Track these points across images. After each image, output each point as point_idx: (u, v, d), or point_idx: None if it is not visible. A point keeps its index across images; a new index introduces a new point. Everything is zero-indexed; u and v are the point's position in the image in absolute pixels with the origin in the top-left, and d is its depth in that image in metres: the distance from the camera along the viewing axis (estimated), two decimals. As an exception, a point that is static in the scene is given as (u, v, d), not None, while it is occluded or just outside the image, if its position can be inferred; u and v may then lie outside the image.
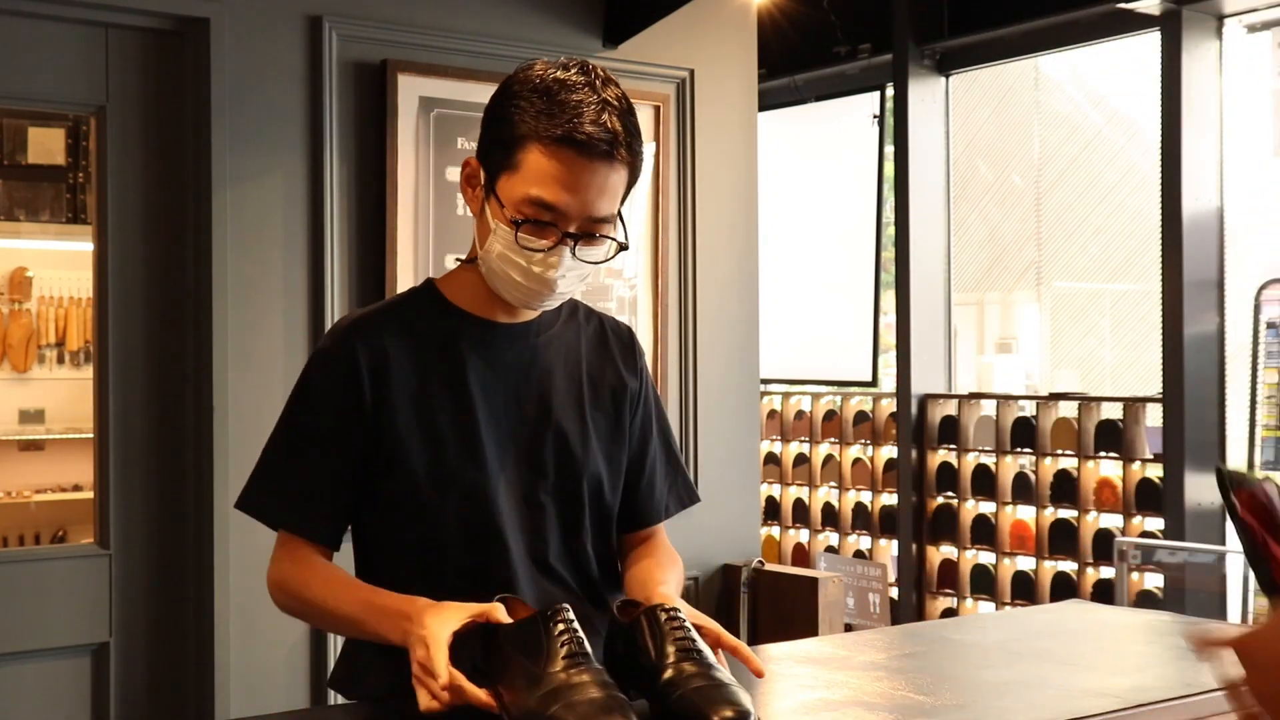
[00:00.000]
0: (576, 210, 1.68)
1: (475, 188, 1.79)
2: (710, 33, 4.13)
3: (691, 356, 4.05)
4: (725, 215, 4.14)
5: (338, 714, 1.76)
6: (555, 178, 1.67)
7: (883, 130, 6.16)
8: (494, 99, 1.77)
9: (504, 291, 1.77)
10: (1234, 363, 4.89)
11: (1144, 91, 5.21)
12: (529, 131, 1.68)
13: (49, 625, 3.21)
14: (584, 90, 1.69)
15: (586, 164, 1.67)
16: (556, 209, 1.68)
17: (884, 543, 6.02)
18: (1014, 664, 1.88)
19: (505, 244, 1.72)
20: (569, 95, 1.68)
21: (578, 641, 1.47)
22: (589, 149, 1.66)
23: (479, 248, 1.78)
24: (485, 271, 1.77)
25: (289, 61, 3.44)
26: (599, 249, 1.74)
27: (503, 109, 1.73)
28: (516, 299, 1.77)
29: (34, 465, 5.26)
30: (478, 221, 1.79)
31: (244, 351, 3.35)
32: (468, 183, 1.80)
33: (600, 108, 1.68)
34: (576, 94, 1.68)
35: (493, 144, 1.74)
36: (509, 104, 1.72)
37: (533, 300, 1.76)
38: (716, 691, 1.47)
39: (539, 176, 1.68)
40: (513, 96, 1.72)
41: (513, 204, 1.70)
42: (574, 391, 1.87)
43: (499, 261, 1.74)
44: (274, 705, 3.28)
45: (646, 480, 1.94)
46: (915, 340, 5.75)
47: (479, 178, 1.77)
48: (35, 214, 5.07)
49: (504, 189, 1.72)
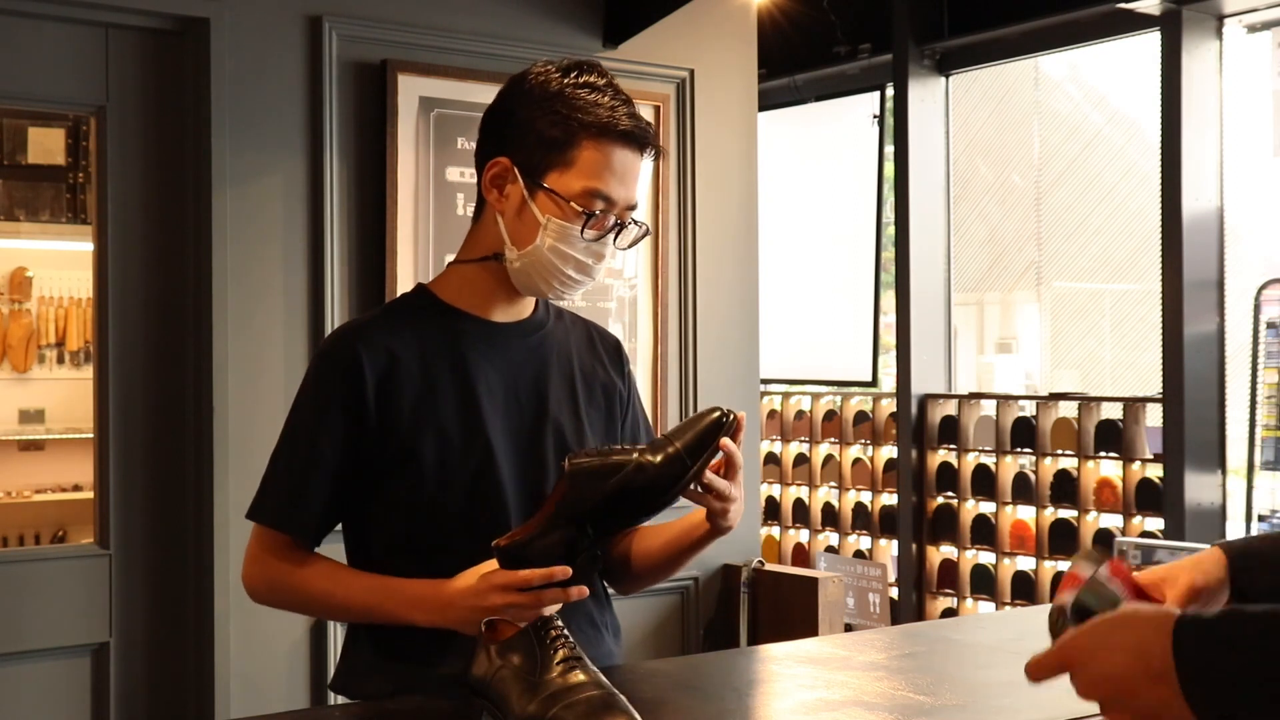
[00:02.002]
0: (624, 198, 1.80)
1: (503, 187, 1.80)
2: (710, 33, 4.13)
3: (691, 356, 4.05)
4: (725, 215, 4.14)
5: (338, 714, 1.76)
6: (610, 170, 1.77)
7: (883, 130, 6.15)
8: (518, 101, 1.80)
9: (543, 284, 1.81)
10: (1234, 363, 4.89)
11: (1144, 91, 5.21)
12: (578, 127, 1.75)
13: (49, 625, 3.21)
14: (609, 90, 1.79)
15: (632, 155, 1.78)
16: (611, 198, 1.77)
17: (884, 543, 6.01)
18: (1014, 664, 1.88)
19: (559, 236, 1.76)
20: (601, 95, 1.78)
21: (571, 646, 1.48)
22: (635, 140, 1.78)
23: (511, 245, 1.80)
24: (520, 266, 1.80)
25: (289, 61, 3.44)
26: (629, 236, 1.84)
27: (537, 109, 1.77)
28: (554, 291, 1.82)
29: (34, 465, 5.27)
30: (508, 220, 1.80)
31: (244, 351, 3.35)
32: (493, 183, 1.81)
33: (627, 104, 1.79)
34: (606, 94, 1.78)
35: (534, 144, 1.77)
36: (545, 104, 1.77)
37: (571, 290, 1.83)
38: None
39: (595, 170, 1.76)
40: (548, 99, 1.77)
41: (571, 198, 1.76)
42: (568, 388, 1.90)
43: (550, 255, 1.77)
44: (274, 705, 3.28)
45: None
46: (915, 340, 5.74)
47: (510, 176, 1.79)
48: (35, 214, 5.07)
49: (558, 184, 1.76)
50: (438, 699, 1.67)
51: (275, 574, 1.80)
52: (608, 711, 1.39)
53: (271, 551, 1.80)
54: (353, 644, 1.86)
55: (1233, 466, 4.84)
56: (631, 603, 3.74)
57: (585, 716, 1.39)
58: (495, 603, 1.60)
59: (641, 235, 1.86)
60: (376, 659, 1.81)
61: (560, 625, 1.51)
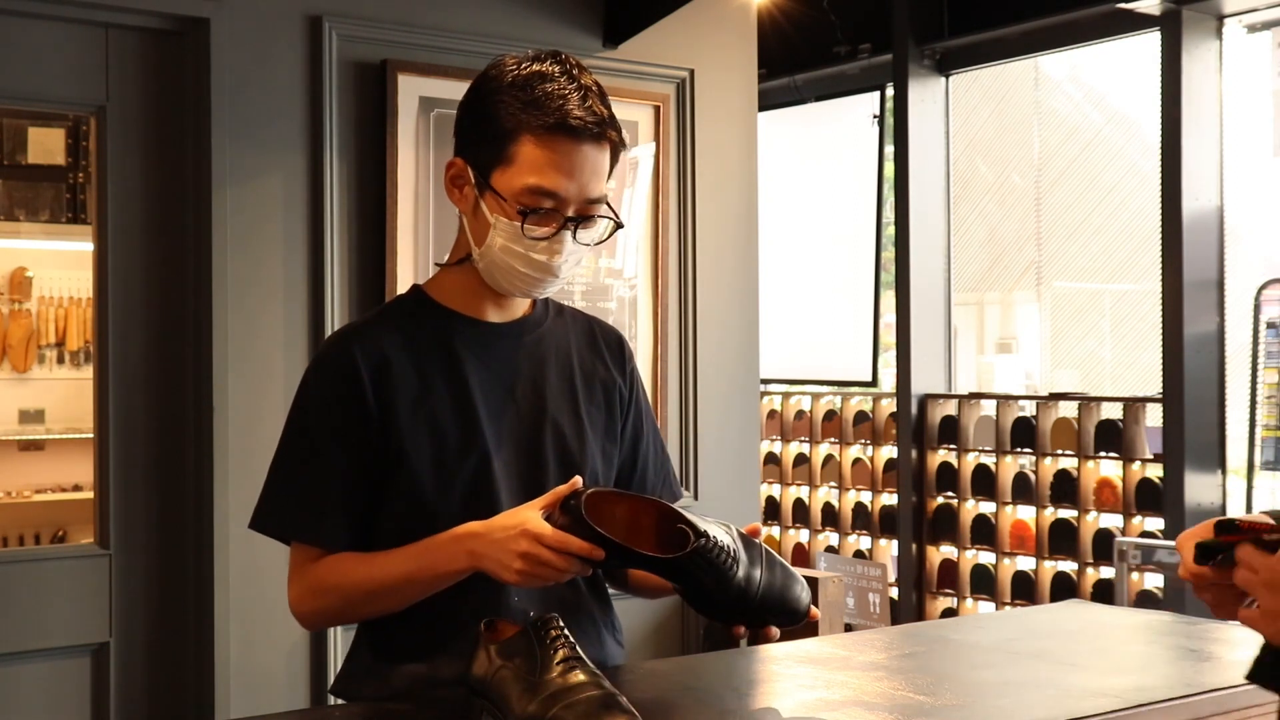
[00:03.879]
0: (575, 194, 1.74)
1: (462, 187, 1.81)
2: (710, 33, 4.13)
3: (691, 356, 4.05)
4: (725, 215, 4.14)
5: (338, 714, 1.76)
6: (552, 164, 1.72)
7: (883, 130, 6.16)
8: (471, 97, 1.80)
9: (506, 283, 1.79)
10: (1234, 363, 4.89)
11: (1144, 91, 5.21)
12: (518, 124, 1.72)
13: (49, 625, 3.21)
14: (562, 79, 1.75)
15: (579, 147, 1.73)
16: (556, 195, 1.73)
17: (884, 543, 6.02)
18: (1014, 664, 1.88)
19: (508, 236, 1.75)
20: (550, 85, 1.73)
21: (570, 646, 1.48)
22: (580, 133, 1.72)
23: (474, 245, 1.80)
24: (484, 267, 1.79)
25: (289, 61, 3.44)
26: (595, 230, 1.79)
27: (485, 106, 1.76)
28: (519, 289, 1.80)
29: (34, 465, 5.26)
30: (469, 220, 1.81)
31: (244, 351, 3.35)
32: (453, 184, 1.82)
33: (582, 93, 1.74)
34: (556, 83, 1.74)
35: (480, 141, 1.76)
36: (491, 100, 1.76)
37: (534, 288, 1.80)
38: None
39: (535, 165, 1.72)
40: (494, 92, 1.75)
41: (512, 196, 1.74)
42: (567, 387, 1.89)
43: (501, 254, 1.76)
44: (274, 705, 3.28)
45: (638, 481, 1.97)
46: (915, 340, 5.75)
47: (466, 176, 1.79)
48: (35, 214, 5.07)
49: (500, 183, 1.74)
50: (437, 699, 1.67)
51: (312, 581, 1.77)
52: (608, 711, 1.39)
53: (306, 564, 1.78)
54: (353, 649, 1.86)
55: (1233, 466, 4.84)
56: (631, 603, 3.73)
57: (585, 716, 1.39)
58: (525, 549, 1.59)
59: (611, 230, 1.80)
60: (375, 663, 1.81)
61: (560, 625, 1.50)
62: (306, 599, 1.78)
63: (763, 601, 1.67)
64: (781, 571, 1.70)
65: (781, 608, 1.69)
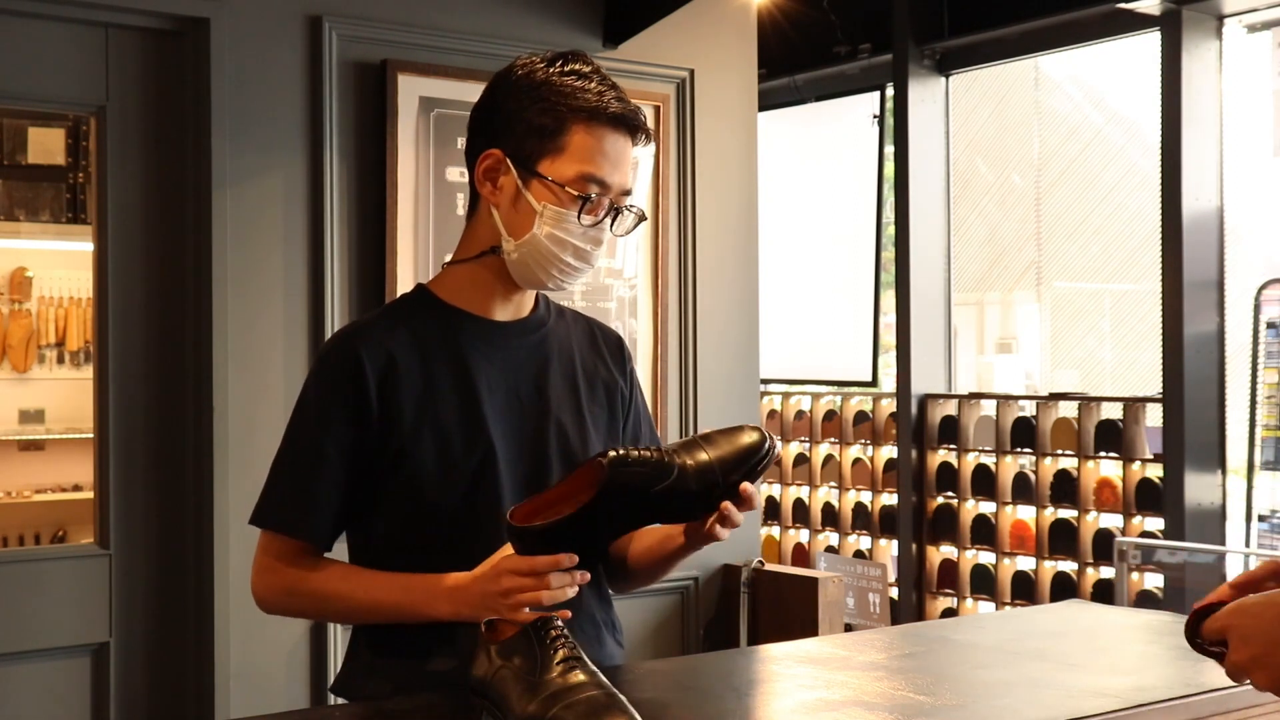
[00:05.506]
0: (619, 184, 1.79)
1: (497, 179, 1.80)
2: (710, 33, 4.13)
3: (691, 356, 4.05)
4: (725, 215, 4.14)
5: (338, 714, 1.76)
6: (603, 153, 1.76)
7: (883, 130, 6.15)
8: (505, 91, 1.81)
9: (540, 274, 1.80)
10: (1234, 363, 4.89)
11: (1144, 91, 5.21)
12: (569, 114, 1.76)
13: (49, 625, 3.21)
14: (596, 76, 1.80)
15: (624, 139, 1.79)
16: (606, 183, 1.77)
17: (884, 543, 6.02)
18: (1014, 664, 1.88)
19: (558, 223, 1.76)
20: (588, 81, 1.78)
21: (571, 646, 1.48)
22: (625, 124, 1.78)
23: (507, 237, 1.79)
24: (518, 258, 1.79)
25: (289, 61, 3.44)
26: (626, 222, 1.83)
27: (526, 97, 1.77)
28: (553, 281, 1.81)
29: (34, 465, 5.26)
30: (505, 212, 1.80)
31: (244, 351, 3.36)
32: (486, 175, 1.81)
33: (615, 89, 1.80)
34: (593, 80, 1.79)
35: (525, 133, 1.77)
36: (533, 92, 1.77)
37: (569, 278, 1.82)
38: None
39: (588, 154, 1.76)
40: (536, 85, 1.78)
41: (566, 183, 1.76)
42: (570, 386, 1.89)
43: (548, 242, 1.77)
44: (274, 705, 3.28)
45: None
46: (915, 340, 5.75)
47: (503, 168, 1.78)
48: (35, 214, 5.07)
49: (551, 171, 1.76)
50: (437, 699, 1.67)
51: (290, 580, 1.78)
52: (608, 711, 1.39)
53: (282, 558, 1.79)
54: (353, 647, 1.86)
55: (1233, 466, 4.84)
56: (631, 603, 3.74)
57: (585, 716, 1.39)
58: (506, 586, 1.60)
59: (638, 221, 1.85)
60: (374, 660, 1.81)
61: (560, 625, 1.50)
62: (278, 595, 1.80)
63: (721, 464, 1.64)
64: (721, 435, 1.67)
65: (742, 458, 1.65)
